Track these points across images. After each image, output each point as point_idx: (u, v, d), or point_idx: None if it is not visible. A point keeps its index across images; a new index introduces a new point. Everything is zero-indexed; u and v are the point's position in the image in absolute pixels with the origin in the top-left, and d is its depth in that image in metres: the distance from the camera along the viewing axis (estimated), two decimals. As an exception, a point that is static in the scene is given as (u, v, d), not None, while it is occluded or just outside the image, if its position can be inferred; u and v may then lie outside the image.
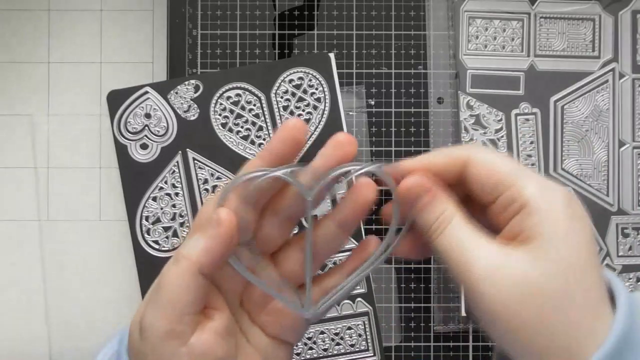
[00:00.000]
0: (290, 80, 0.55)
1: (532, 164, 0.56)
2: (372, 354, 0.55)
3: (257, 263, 0.35)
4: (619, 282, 0.31)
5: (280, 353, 0.36)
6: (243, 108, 0.55)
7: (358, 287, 0.55)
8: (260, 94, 0.55)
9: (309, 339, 0.55)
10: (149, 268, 0.54)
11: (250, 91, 0.55)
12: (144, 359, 0.32)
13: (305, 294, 0.35)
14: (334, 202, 0.49)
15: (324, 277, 0.37)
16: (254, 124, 0.55)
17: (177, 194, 0.55)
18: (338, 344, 0.55)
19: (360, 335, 0.55)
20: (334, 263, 0.54)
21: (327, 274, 0.37)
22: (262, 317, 0.36)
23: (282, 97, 0.55)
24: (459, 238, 0.31)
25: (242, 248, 0.34)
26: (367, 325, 0.54)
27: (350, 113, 0.56)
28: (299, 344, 0.54)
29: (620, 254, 0.56)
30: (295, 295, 0.36)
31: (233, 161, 0.54)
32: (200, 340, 0.32)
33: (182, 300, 0.31)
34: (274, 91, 0.55)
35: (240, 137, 0.55)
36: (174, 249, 0.54)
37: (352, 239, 0.54)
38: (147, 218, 0.54)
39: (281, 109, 0.55)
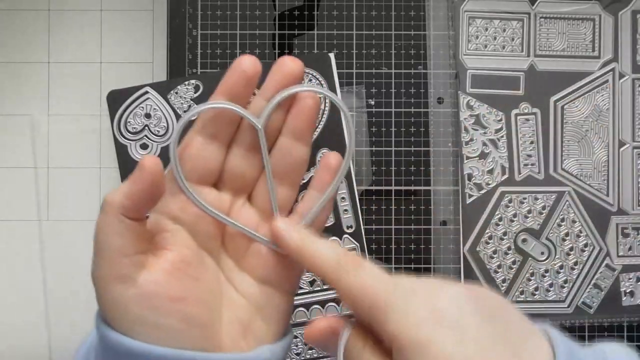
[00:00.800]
0: (290, 80, 0.55)
1: (532, 164, 0.56)
2: (372, 354, 0.55)
3: (232, 203, 0.35)
4: (559, 342, 0.28)
5: (275, 301, 0.34)
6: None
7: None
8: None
9: (309, 339, 0.55)
10: (149, 268, 0.54)
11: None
12: (105, 315, 0.31)
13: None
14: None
15: (299, 205, 0.36)
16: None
17: (177, 194, 0.55)
18: (338, 344, 0.55)
19: (360, 335, 0.55)
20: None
21: (301, 200, 0.36)
22: (247, 260, 0.34)
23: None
24: None
25: (209, 189, 0.34)
26: (367, 325, 0.54)
27: (350, 113, 0.56)
28: (299, 344, 0.54)
29: (620, 254, 0.56)
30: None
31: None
32: (148, 280, 0.30)
33: (113, 245, 0.30)
34: (274, 91, 0.55)
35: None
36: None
37: (352, 240, 0.54)
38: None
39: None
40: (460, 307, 0.28)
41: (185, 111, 0.55)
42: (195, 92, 0.55)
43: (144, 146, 0.55)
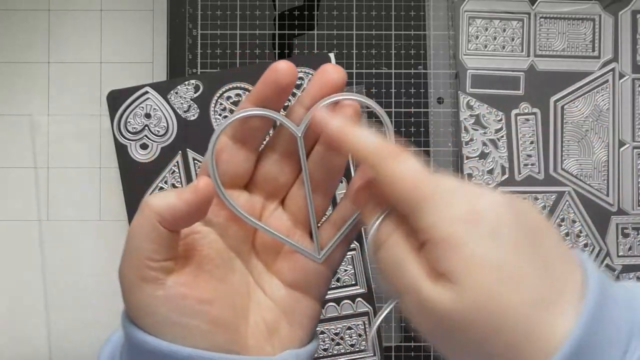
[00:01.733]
0: (290, 80, 0.55)
1: (532, 164, 0.56)
2: (372, 354, 0.55)
3: (263, 207, 0.34)
4: (592, 272, 0.27)
5: (302, 306, 0.34)
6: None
7: (357, 287, 0.55)
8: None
9: (309, 339, 0.55)
10: (149, 268, 0.54)
11: (250, 91, 0.55)
12: (131, 315, 0.31)
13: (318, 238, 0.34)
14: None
15: (332, 214, 0.35)
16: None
17: (177, 194, 0.55)
18: (338, 344, 0.55)
19: (360, 335, 0.55)
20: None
21: (335, 209, 0.35)
22: (277, 264, 0.34)
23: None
24: (396, 259, 0.29)
25: (239, 191, 0.33)
26: (367, 325, 0.54)
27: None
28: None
29: (620, 254, 0.56)
30: (307, 239, 0.35)
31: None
32: (177, 282, 0.30)
33: (143, 249, 0.30)
34: (274, 91, 0.55)
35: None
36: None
37: (352, 239, 0.54)
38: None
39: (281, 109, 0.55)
40: (499, 213, 0.27)
41: (185, 111, 0.55)
42: (195, 92, 0.55)
43: (144, 146, 0.55)
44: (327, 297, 0.54)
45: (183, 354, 0.30)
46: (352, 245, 0.54)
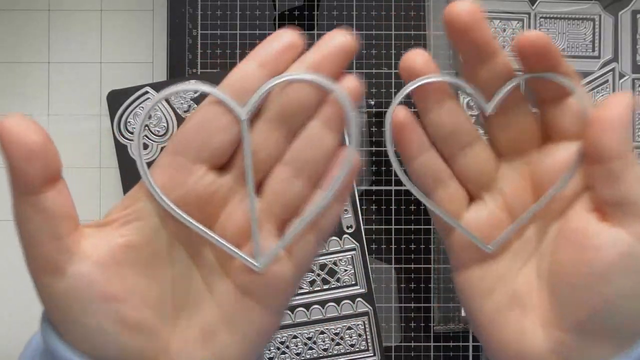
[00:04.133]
0: (290, 80, 0.55)
1: (532, 164, 0.56)
2: (372, 354, 0.55)
3: (234, 191, 0.29)
4: None
5: (252, 316, 0.28)
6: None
7: (357, 287, 0.55)
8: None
9: (309, 339, 0.55)
10: (149, 268, 0.54)
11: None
12: (49, 315, 0.27)
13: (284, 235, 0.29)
14: None
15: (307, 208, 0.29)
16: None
17: (177, 194, 0.55)
18: (338, 344, 0.55)
19: (360, 335, 0.55)
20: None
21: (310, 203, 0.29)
22: (234, 262, 0.29)
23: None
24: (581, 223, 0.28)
25: (205, 172, 0.28)
26: (367, 325, 0.55)
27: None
28: (299, 344, 0.54)
29: (620, 254, 0.55)
30: (275, 236, 0.29)
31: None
32: (79, 272, 0.26)
33: (27, 231, 0.26)
34: (274, 91, 0.55)
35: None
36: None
37: (352, 240, 0.54)
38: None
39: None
40: None
41: (185, 111, 0.55)
42: (195, 92, 0.55)
43: (144, 146, 0.55)
44: (326, 297, 0.54)
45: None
46: (351, 245, 0.54)
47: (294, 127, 0.29)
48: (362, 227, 0.54)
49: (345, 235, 0.54)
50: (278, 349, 0.54)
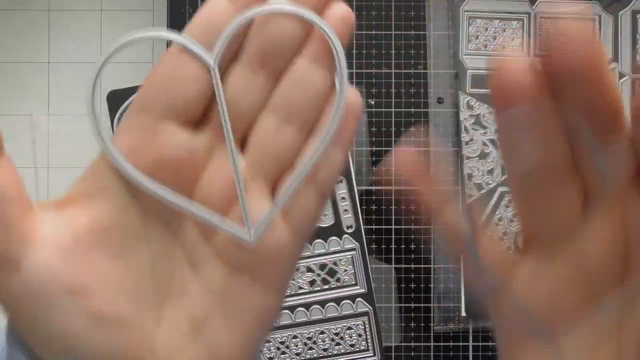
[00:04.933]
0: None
1: (532, 164, 0.56)
2: (372, 354, 0.55)
3: (213, 149, 0.24)
4: None
5: (249, 297, 0.24)
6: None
7: (357, 287, 0.55)
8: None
9: (309, 339, 0.55)
10: (149, 268, 0.54)
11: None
12: (10, 319, 0.23)
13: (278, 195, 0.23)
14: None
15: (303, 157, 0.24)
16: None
17: (177, 194, 0.55)
18: (338, 344, 0.55)
19: (360, 335, 0.55)
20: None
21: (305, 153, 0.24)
22: (221, 234, 0.24)
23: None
24: None
25: (178, 129, 0.23)
26: (367, 325, 0.54)
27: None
28: (299, 344, 0.54)
29: (620, 254, 0.55)
30: (267, 197, 0.24)
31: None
32: (36, 263, 0.21)
33: None
34: (274, 91, 0.55)
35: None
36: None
37: (352, 240, 0.54)
38: None
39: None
40: None
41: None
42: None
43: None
44: (326, 297, 0.54)
45: None
46: (351, 245, 0.54)
47: (277, 68, 0.24)
48: (362, 227, 0.54)
49: (345, 235, 0.54)
50: (278, 349, 0.54)
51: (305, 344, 0.55)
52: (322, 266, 0.54)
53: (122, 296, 0.22)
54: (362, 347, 0.55)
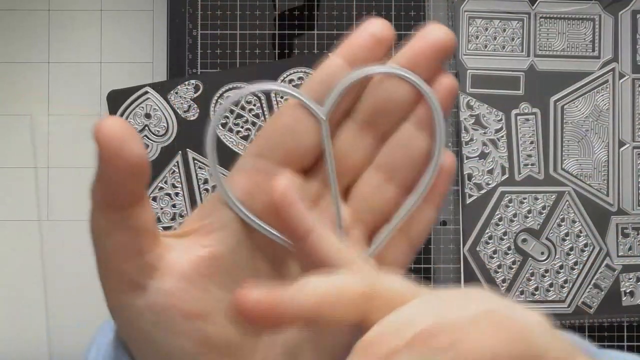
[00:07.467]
0: (291, 80, 0.55)
1: (532, 164, 0.56)
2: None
3: (323, 195, 0.27)
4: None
5: (341, 333, 0.25)
6: (243, 108, 0.55)
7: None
8: (260, 94, 0.55)
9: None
10: (149, 268, 0.54)
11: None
12: (122, 333, 0.25)
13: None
14: None
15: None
16: (254, 124, 0.55)
17: (177, 194, 0.55)
18: (338, 344, 0.55)
19: (360, 335, 0.55)
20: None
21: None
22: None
23: (282, 97, 0.55)
24: None
25: (291, 172, 0.26)
26: (367, 325, 0.54)
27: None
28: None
29: (620, 254, 0.56)
30: (363, 243, 0.27)
31: (233, 161, 0.54)
32: (159, 288, 0.24)
33: (105, 248, 0.24)
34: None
35: (240, 137, 0.55)
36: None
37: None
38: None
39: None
40: None
41: (185, 111, 0.55)
42: (195, 92, 0.55)
43: (144, 146, 0.55)
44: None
45: None
46: (352, 245, 0.54)
47: (384, 129, 0.26)
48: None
49: (345, 235, 0.54)
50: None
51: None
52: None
53: (230, 324, 0.24)
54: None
